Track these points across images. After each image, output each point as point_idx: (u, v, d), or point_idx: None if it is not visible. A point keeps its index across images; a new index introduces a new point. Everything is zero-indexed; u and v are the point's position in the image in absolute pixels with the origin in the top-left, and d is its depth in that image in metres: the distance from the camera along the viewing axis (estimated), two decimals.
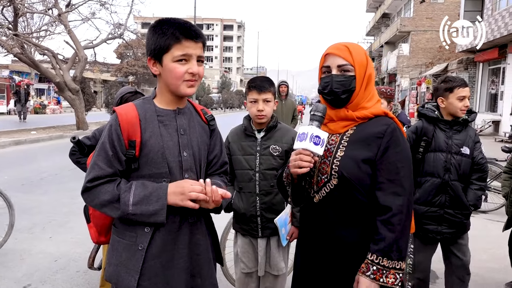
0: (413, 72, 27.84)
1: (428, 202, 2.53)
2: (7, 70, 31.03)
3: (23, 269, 3.51)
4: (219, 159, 1.64)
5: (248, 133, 2.28)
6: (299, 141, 1.42)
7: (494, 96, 17.97)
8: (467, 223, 2.58)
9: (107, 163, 1.40)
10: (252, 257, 2.31)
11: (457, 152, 2.49)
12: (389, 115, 1.56)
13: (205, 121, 1.60)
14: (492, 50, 16.60)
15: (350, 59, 1.50)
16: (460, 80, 2.55)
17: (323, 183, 1.52)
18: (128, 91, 2.67)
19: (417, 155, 2.58)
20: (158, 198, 1.38)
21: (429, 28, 28.20)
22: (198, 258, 1.52)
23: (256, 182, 2.22)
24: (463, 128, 2.55)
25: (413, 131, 2.63)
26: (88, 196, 1.42)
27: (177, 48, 1.40)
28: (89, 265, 2.96)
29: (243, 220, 2.28)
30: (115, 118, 1.43)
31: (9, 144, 11.32)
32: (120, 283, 1.43)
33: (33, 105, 26.30)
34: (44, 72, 15.17)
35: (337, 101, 1.53)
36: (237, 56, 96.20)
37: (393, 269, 1.41)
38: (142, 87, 37.67)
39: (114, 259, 1.46)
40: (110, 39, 16.99)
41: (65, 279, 3.35)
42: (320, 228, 1.54)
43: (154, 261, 1.43)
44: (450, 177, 2.49)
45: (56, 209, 5.32)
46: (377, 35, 42.36)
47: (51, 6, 15.13)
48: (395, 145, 1.47)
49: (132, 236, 1.44)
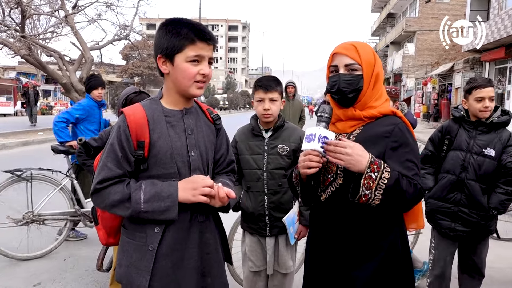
0: (418, 72, 27.73)
1: (443, 198, 2.57)
2: (14, 72, 31.31)
3: (32, 268, 3.55)
4: (226, 158, 1.66)
5: (255, 133, 2.30)
6: (307, 142, 1.43)
7: (501, 96, 17.84)
8: (488, 226, 2.54)
9: (116, 164, 1.41)
10: (260, 256, 2.33)
11: (478, 152, 2.49)
12: (398, 114, 1.55)
13: (211, 120, 1.61)
14: (498, 49, 16.49)
15: (357, 58, 1.51)
16: (481, 81, 2.53)
17: (329, 182, 1.54)
18: (133, 91, 2.68)
19: (441, 153, 2.63)
20: (169, 195, 1.39)
21: (435, 27, 27.98)
22: (208, 257, 1.53)
23: (264, 182, 2.23)
24: (491, 130, 2.51)
25: (439, 130, 2.72)
26: (98, 198, 1.43)
27: (191, 49, 1.42)
28: (98, 267, 2.97)
29: (251, 219, 2.29)
30: (123, 119, 1.44)
31: (16, 145, 11.44)
32: (131, 284, 1.44)
33: (40, 106, 26.49)
34: (51, 73, 15.28)
35: (345, 100, 1.54)
36: (242, 56, 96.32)
37: (377, 183, 1.38)
38: (147, 88, 37.88)
39: (124, 260, 1.47)
40: (116, 41, 17.06)
41: (74, 278, 3.39)
42: (327, 225, 1.57)
43: (165, 261, 1.43)
44: (467, 176, 2.49)
45: None
46: (383, 35, 42.23)
47: (57, 8, 15.24)
48: (405, 145, 1.48)
49: (142, 236, 1.45)
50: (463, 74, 19.59)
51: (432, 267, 2.71)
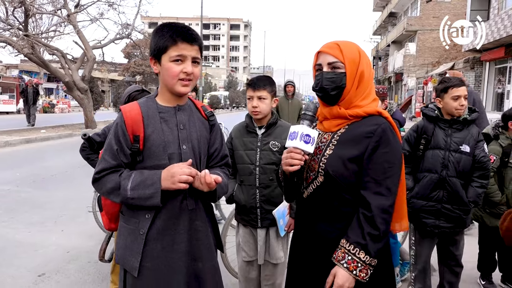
0: (419, 72, 27.75)
1: (426, 197, 2.64)
2: (17, 70, 31.47)
3: (37, 260, 3.69)
4: (220, 152, 1.78)
5: (249, 130, 2.42)
6: (290, 140, 1.49)
7: (500, 95, 17.91)
8: (466, 219, 2.65)
9: (112, 157, 1.57)
10: (252, 246, 2.45)
11: (456, 149, 2.58)
12: (383, 114, 1.56)
13: (205, 117, 1.74)
14: (498, 49, 16.56)
15: (340, 56, 1.53)
16: (455, 80, 2.64)
17: (311, 179, 1.57)
18: (135, 89, 2.79)
19: (417, 152, 2.70)
20: (153, 183, 1.53)
21: (436, 27, 27.90)
22: (198, 243, 1.65)
23: (256, 176, 2.35)
24: (464, 127, 2.62)
25: (414, 129, 2.77)
26: (97, 185, 1.60)
27: (173, 49, 1.55)
28: (100, 257, 3.10)
29: (244, 211, 2.42)
30: (120, 116, 1.60)
31: (20, 142, 11.58)
32: (126, 265, 1.60)
33: (42, 104, 26.63)
34: (54, 72, 15.42)
35: (328, 98, 1.56)
36: (243, 55, 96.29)
37: (368, 265, 1.43)
38: (149, 86, 37.97)
39: (121, 243, 1.64)
40: (118, 39, 17.18)
41: (77, 268, 3.53)
42: (306, 222, 1.61)
43: (155, 244, 1.58)
44: (448, 173, 2.58)
45: (67, 204, 5.51)
46: (384, 34, 42.24)
47: (60, 7, 15.37)
48: (384, 145, 1.48)
49: (135, 222, 1.60)
50: (464, 73, 19.63)
51: (415, 262, 2.81)
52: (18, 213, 5.08)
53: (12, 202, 5.56)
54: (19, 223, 4.72)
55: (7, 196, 5.89)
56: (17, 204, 5.47)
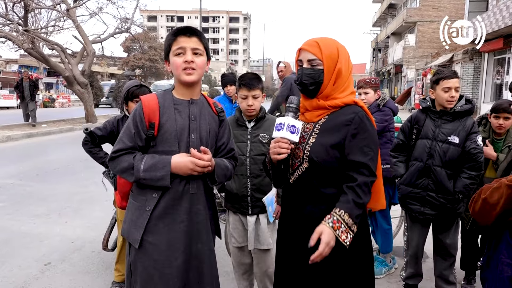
0: (419, 63, 27.74)
1: (412, 183, 2.76)
2: (16, 65, 31.54)
3: (43, 250, 3.85)
4: (227, 145, 1.96)
5: (240, 123, 2.56)
6: (277, 131, 1.63)
7: (499, 86, 17.95)
8: (456, 209, 2.70)
9: (129, 139, 1.76)
10: (241, 233, 2.60)
11: (443, 140, 2.66)
12: (359, 104, 1.70)
13: (216, 112, 1.92)
14: (497, 40, 16.55)
15: (319, 54, 1.66)
16: (448, 72, 2.71)
17: (297, 166, 1.71)
18: (134, 84, 2.90)
19: (410, 141, 2.83)
20: (164, 166, 1.71)
21: (436, 18, 27.97)
22: (198, 225, 1.82)
23: (247, 166, 2.50)
24: (455, 118, 2.67)
25: (408, 120, 2.89)
26: (112, 164, 1.78)
27: (174, 44, 1.76)
28: (103, 247, 3.24)
29: (235, 199, 2.56)
30: (140, 104, 1.79)
31: (21, 137, 11.71)
32: (130, 237, 1.79)
33: (42, 99, 26.71)
34: (54, 66, 15.49)
35: (307, 92, 1.71)
36: (243, 48, 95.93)
37: (349, 228, 1.57)
38: (149, 79, 38.02)
39: (128, 217, 1.84)
40: (117, 33, 17.23)
41: (81, 258, 3.69)
42: (293, 205, 1.75)
43: (157, 221, 1.75)
44: (433, 162, 2.67)
45: (70, 197, 5.67)
46: (384, 26, 42.10)
47: (59, 1, 15.39)
48: (362, 131, 1.64)
49: (143, 199, 1.78)
50: (462, 64, 19.69)
51: (407, 247, 2.96)
52: (22, 206, 5.23)
53: (16, 195, 5.71)
54: (24, 215, 4.87)
55: (11, 189, 6.04)
56: (21, 197, 5.62)
